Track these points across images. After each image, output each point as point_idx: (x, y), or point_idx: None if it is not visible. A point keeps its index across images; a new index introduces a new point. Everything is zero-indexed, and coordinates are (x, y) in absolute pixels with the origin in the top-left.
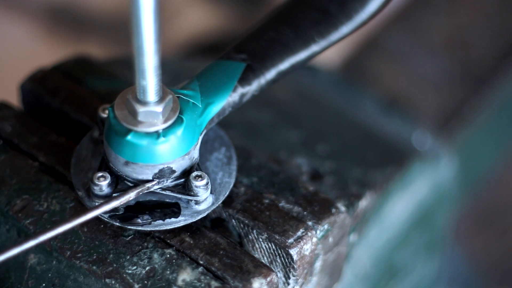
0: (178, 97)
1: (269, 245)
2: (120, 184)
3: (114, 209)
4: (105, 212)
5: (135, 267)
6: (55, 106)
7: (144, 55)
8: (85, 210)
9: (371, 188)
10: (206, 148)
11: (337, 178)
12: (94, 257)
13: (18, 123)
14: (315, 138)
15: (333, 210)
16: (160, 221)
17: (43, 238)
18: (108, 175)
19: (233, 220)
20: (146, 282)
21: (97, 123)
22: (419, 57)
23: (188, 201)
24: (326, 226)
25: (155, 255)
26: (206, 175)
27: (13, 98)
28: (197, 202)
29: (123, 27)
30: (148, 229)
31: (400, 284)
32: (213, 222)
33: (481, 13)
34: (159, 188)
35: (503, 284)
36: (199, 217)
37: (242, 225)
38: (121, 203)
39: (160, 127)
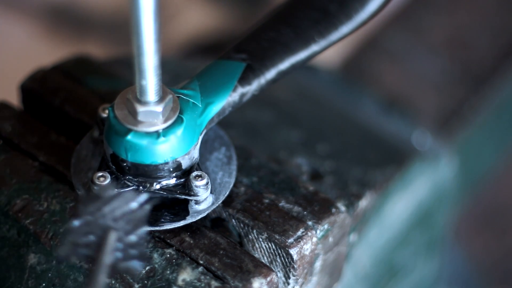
0: (178, 97)
1: (269, 245)
2: (120, 184)
3: None
4: None
5: None
6: (55, 106)
7: (144, 55)
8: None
9: (371, 188)
10: (206, 148)
11: (337, 178)
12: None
13: (18, 123)
14: (315, 138)
15: (333, 210)
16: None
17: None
18: (108, 175)
19: (233, 220)
20: (146, 282)
21: (97, 123)
22: (419, 57)
23: (188, 201)
24: (326, 226)
25: (155, 255)
26: (206, 175)
27: (13, 98)
28: (197, 202)
29: (123, 27)
30: (148, 229)
31: (400, 284)
32: (213, 222)
33: (481, 13)
34: (159, 188)
35: (503, 284)
36: (199, 217)
37: (242, 225)
38: None
39: (160, 127)
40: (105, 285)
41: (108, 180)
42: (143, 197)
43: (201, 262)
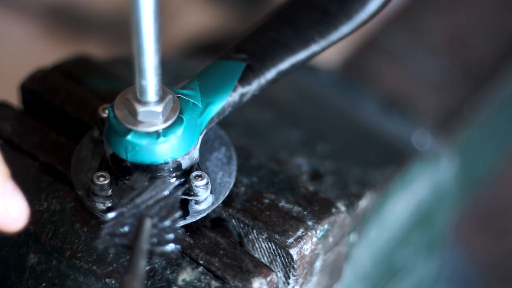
0: (178, 97)
1: (269, 245)
2: (120, 184)
3: None
4: (104, 211)
5: None
6: (55, 106)
7: (144, 55)
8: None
9: (371, 188)
10: (206, 148)
11: (337, 178)
12: (94, 256)
13: (18, 123)
14: (315, 138)
15: (333, 210)
16: None
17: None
18: (108, 175)
19: (233, 220)
20: (146, 282)
21: (97, 123)
22: (419, 57)
23: (188, 201)
24: (326, 226)
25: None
26: (206, 175)
27: (13, 98)
28: (197, 202)
29: (123, 27)
30: None
31: (400, 284)
32: (213, 222)
33: (481, 12)
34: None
35: (503, 284)
36: (199, 217)
37: (242, 225)
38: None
39: (160, 127)
40: (145, 270)
41: (108, 180)
42: (173, 185)
43: (201, 262)
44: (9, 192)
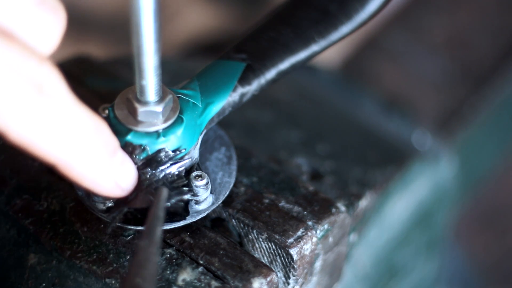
0: (178, 97)
1: (269, 245)
2: None
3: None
4: (105, 211)
5: None
6: None
7: (144, 55)
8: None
9: (371, 188)
10: (206, 148)
11: (337, 178)
12: (94, 257)
13: None
14: (315, 138)
15: (333, 210)
16: None
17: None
18: None
19: (233, 220)
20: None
21: None
22: (419, 57)
23: (188, 201)
24: (326, 226)
25: None
26: (206, 175)
27: None
28: (197, 202)
29: (123, 27)
30: None
31: (400, 284)
32: (213, 222)
33: (481, 13)
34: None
35: (503, 284)
36: (199, 217)
37: (242, 225)
38: None
39: (160, 127)
40: (161, 236)
41: None
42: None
43: (201, 262)
44: (119, 163)
